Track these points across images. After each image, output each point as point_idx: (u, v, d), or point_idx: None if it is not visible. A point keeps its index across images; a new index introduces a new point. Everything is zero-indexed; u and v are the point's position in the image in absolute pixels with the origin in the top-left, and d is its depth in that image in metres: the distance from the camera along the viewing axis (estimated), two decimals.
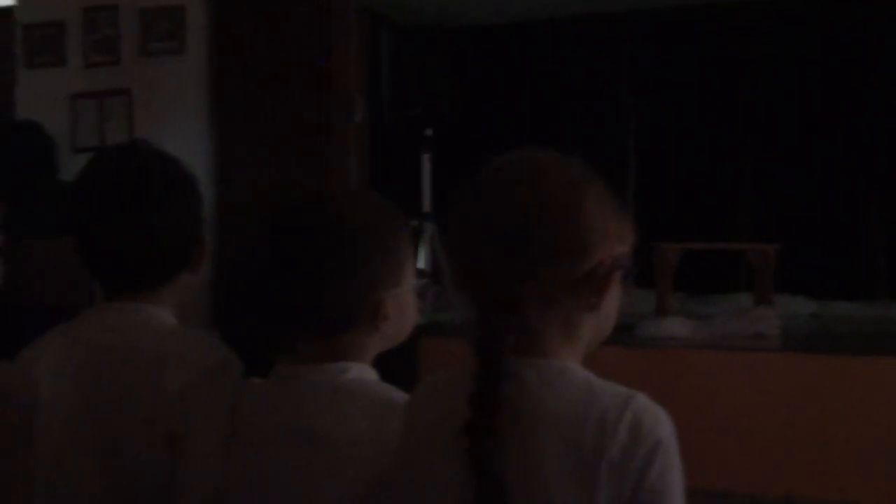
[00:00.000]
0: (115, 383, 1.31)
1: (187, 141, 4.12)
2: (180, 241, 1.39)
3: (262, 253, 1.31)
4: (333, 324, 1.26)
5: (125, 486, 1.29)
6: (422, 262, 3.95)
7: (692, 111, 5.43)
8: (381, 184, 4.59)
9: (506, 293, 1.05)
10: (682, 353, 3.38)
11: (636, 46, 5.62)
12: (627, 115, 5.65)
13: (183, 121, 4.22)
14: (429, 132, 4.37)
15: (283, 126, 3.98)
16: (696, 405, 3.13)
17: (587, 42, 5.63)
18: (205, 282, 3.99)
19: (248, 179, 4.05)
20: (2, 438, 1.34)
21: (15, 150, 4.14)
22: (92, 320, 1.38)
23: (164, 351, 1.32)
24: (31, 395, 1.32)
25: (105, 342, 1.34)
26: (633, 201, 5.39)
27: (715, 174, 5.45)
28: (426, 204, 4.27)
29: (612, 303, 1.12)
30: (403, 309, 1.32)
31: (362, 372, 1.29)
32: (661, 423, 1.03)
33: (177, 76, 4.27)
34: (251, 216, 3.95)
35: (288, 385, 1.29)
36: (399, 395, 1.25)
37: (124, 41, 4.39)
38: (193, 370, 1.30)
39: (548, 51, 5.67)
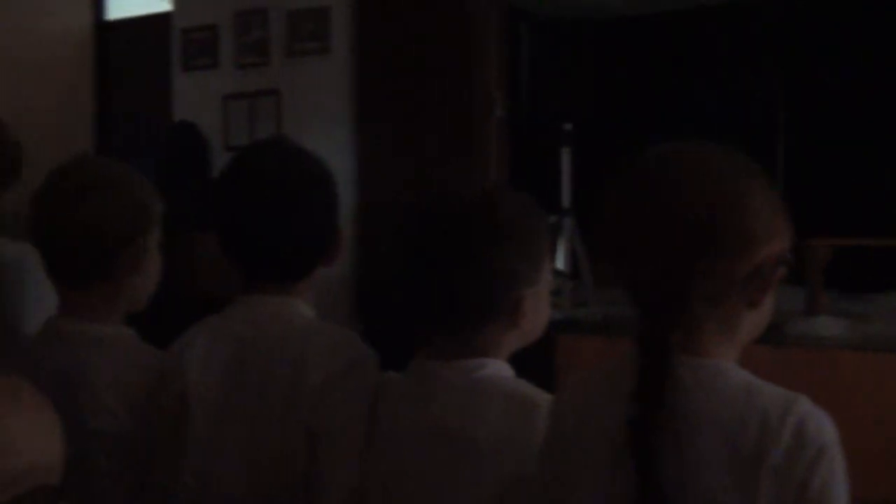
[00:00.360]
0: (257, 375, 1.35)
1: (331, 139, 4.21)
2: (317, 234, 1.42)
3: (404, 246, 1.33)
4: (472, 319, 1.26)
5: (267, 478, 1.32)
6: (561, 258, 3.92)
7: (843, 102, 5.18)
8: (520, 179, 4.57)
9: (672, 290, 1.03)
10: (835, 354, 3.23)
11: (784, 35, 5.40)
12: (775, 108, 5.44)
13: (327, 119, 4.33)
14: (568, 126, 4.32)
15: (423, 124, 4.03)
16: (850, 408, 2.99)
17: (733, 31, 5.45)
18: (346, 278, 4.08)
19: (389, 177, 4.11)
20: (158, 423, 1.40)
21: (171, 149, 4.35)
22: (236, 313, 1.43)
23: (304, 346, 1.34)
24: (182, 383, 1.38)
25: (248, 335, 1.38)
26: (782, 195, 5.18)
27: (870, 166, 5.18)
28: (565, 199, 4.22)
29: (770, 300, 1.08)
30: (539, 307, 1.31)
31: (499, 368, 1.28)
32: (826, 428, 0.99)
33: (322, 76, 4.38)
34: (392, 213, 4.01)
35: (423, 381, 1.29)
36: (538, 393, 1.24)
37: (273, 43, 4.54)
38: (332, 366, 1.32)
39: (690, 42, 5.51)
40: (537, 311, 1.30)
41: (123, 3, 5.57)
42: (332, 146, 4.13)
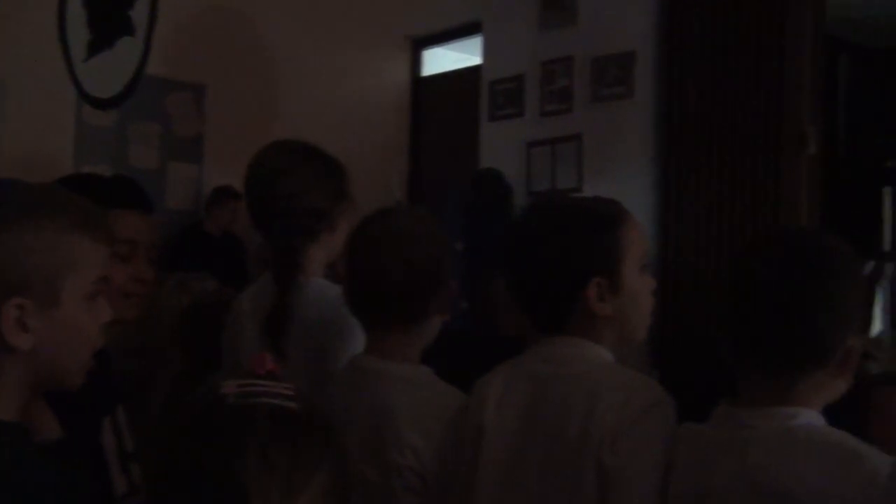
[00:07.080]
0: (550, 411, 1.36)
1: (633, 180, 4.19)
2: (565, 277, 1.41)
3: (725, 286, 1.30)
4: (804, 364, 1.21)
5: None
6: (878, 307, 3.61)
7: None
8: (835, 220, 4.29)
9: None
10: None
11: None
12: None
13: (630, 162, 4.30)
14: (891, 164, 4.00)
15: (730, 166, 3.86)
16: None
17: None
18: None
19: (693, 219, 4.01)
20: (455, 455, 1.46)
21: (477, 194, 4.54)
22: (535, 353, 1.46)
23: (598, 384, 1.34)
24: (480, 417, 1.43)
25: (544, 373, 1.41)
26: None
27: None
28: (886, 242, 3.90)
29: None
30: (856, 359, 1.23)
31: (813, 418, 1.21)
32: None
33: (625, 120, 4.37)
34: (698, 257, 3.90)
35: (733, 430, 1.24)
36: (860, 444, 1.16)
37: (577, 89, 4.60)
38: (626, 407, 1.30)
39: None
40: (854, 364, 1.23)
41: (438, 60, 5.95)
42: (634, 187, 4.11)
